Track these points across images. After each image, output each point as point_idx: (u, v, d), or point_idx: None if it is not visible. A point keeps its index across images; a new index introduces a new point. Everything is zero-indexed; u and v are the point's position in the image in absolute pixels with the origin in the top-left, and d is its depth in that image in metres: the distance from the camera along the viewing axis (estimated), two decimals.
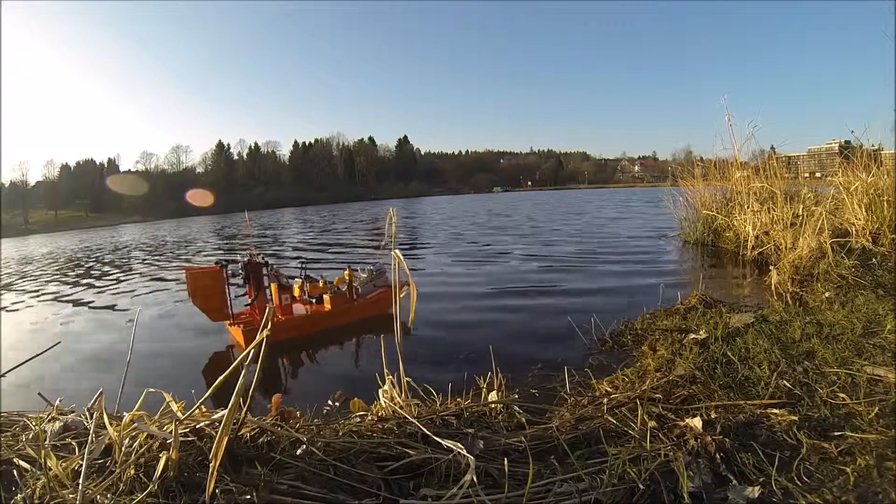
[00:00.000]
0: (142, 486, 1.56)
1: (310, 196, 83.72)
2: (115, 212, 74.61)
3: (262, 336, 1.82)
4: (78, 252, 21.60)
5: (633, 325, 4.36)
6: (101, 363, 4.99)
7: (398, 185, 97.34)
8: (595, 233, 14.57)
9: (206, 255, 15.62)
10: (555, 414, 2.35)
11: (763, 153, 9.98)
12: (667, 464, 1.75)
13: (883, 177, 7.02)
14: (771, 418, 2.13)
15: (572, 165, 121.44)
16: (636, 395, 2.49)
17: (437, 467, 1.76)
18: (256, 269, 5.47)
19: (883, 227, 6.50)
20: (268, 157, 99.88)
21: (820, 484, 1.67)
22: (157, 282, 10.50)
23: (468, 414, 2.25)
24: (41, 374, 4.43)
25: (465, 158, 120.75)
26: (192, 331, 6.03)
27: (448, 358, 4.28)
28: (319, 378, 4.47)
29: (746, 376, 2.69)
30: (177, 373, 4.61)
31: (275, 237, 21.11)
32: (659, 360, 3.21)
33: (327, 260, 12.10)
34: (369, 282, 6.16)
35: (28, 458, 1.77)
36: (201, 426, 1.83)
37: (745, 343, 3.25)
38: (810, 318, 3.74)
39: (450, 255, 11.34)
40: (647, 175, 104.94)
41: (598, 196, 47.43)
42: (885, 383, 2.41)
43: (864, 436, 1.92)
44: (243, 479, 1.64)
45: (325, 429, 2.06)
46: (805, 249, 5.77)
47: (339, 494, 1.64)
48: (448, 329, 5.30)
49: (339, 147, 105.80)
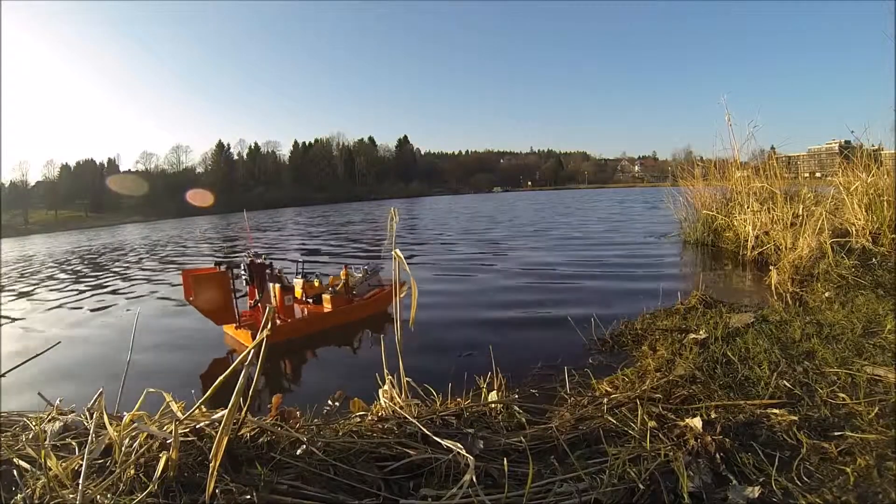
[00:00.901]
0: (142, 486, 1.56)
1: (310, 196, 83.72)
2: (115, 212, 74.61)
3: (262, 336, 1.82)
4: (79, 252, 21.60)
5: (633, 325, 4.36)
6: (102, 363, 4.99)
7: (398, 185, 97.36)
8: (595, 233, 14.57)
9: (205, 256, 15.62)
10: (555, 414, 2.35)
11: (763, 153, 10.02)
12: (667, 464, 1.75)
13: (883, 177, 7.03)
14: (771, 418, 2.13)
15: (572, 165, 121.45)
16: (636, 395, 2.49)
17: (437, 467, 1.76)
18: (259, 269, 5.43)
19: (883, 227, 6.50)
20: (268, 157, 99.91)
21: (820, 484, 1.67)
22: (159, 283, 10.50)
23: (468, 414, 2.25)
24: (41, 374, 4.43)
25: (465, 158, 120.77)
26: (193, 333, 6.04)
27: (448, 358, 4.28)
28: (319, 378, 4.47)
29: (746, 376, 2.68)
30: (177, 376, 4.61)
31: (273, 238, 21.10)
32: (659, 360, 3.21)
33: (319, 262, 12.09)
34: (364, 281, 6.20)
35: (28, 458, 1.77)
36: (201, 426, 1.83)
37: (745, 343, 3.25)
38: (810, 318, 3.74)
39: (450, 255, 11.34)
40: (647, 175, 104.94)
41: (598, 196, 47.43)
42: (885, 383, 2.41)
43: (864, 436, 1.92)
44: (243, 479, 1.64)
45: (325, 429, 2.06)
46: (805, 249, 5.77)
47: (339, 494, 1.63)
48: (448, 329, 5.29)
49: (339, 147, 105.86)
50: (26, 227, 65.99)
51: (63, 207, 75.97)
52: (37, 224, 69.50)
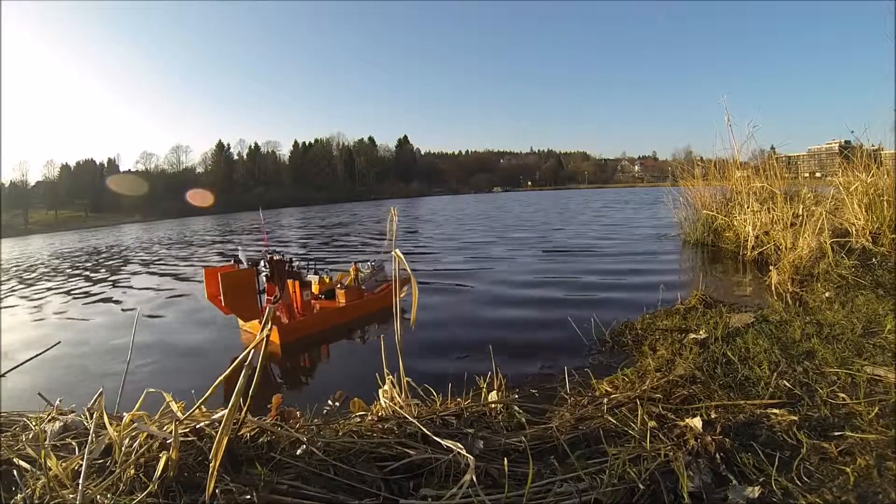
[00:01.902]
0: (142, 486, 1.56)
1: (310, 196, 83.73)
2: (115, 212, 74.61)
3: (262, 336, 1.82)
4: (79, 252, 21.60)
5: (633, 325, 4.35)
6: (105, 362, 4.99)
7: (398, 186, 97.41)
8: (595, 233, 14.57)
9: (208, 255, 15.62)
10: (555, 414, 2.35)
11: (763, 153, 9.98)
12: (667, 464, 1.75)
13: (883, 177, 7.02)
14: (771, 418, 2.13)
15: (572, 165, 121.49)
16: (636, 395, 2.49)
17: (437, 467, 1.76)
18: (280, 266, 5.50)
19: (883, 227, 6.50)
20: (268, 157, 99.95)
21: (820, 484, 1.67)
22: (166, 280, 10.51)
23: (468, 414, 2.25)
24: (41, 375, 4.43)
25: (465, 158, 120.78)
26: (208, 328, 6.04)
27: (448, 358, 4.28)
28: (319, 378, 4.47)
29: (746, 376, 2.68)
30: (194, 375, 4.60)
31: (277, 237, 21.11)
32: (659, 360, 3.21)
33: (324, 259, 12.10)
34: (371, 277, 6.41)
35: (28, 458, 1.77)
36: (201, 426, 1.83)
37: (745, 343, 3.25)
38: (810, 318, 3.74)
39: (448, 254, 11.35)
40: (647, 175, 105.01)
41: (599, 196, 47.43)
42: (885, 383, 2.41)
43: (864, 436, 1.92)
44: (243, 479, 1.64)
45: (325, 429, 2.06)
46: (805, 249, 5.76)
47: (339, 494, 1.63)
48: (448, 329, 5.29)
49: (338, 147, 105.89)
50: (26, 227, 66.01)
51: (63, 207, 76.02)
52: (37, 224, 69.54)
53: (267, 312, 1.91)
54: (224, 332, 5.74)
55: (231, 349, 5.17)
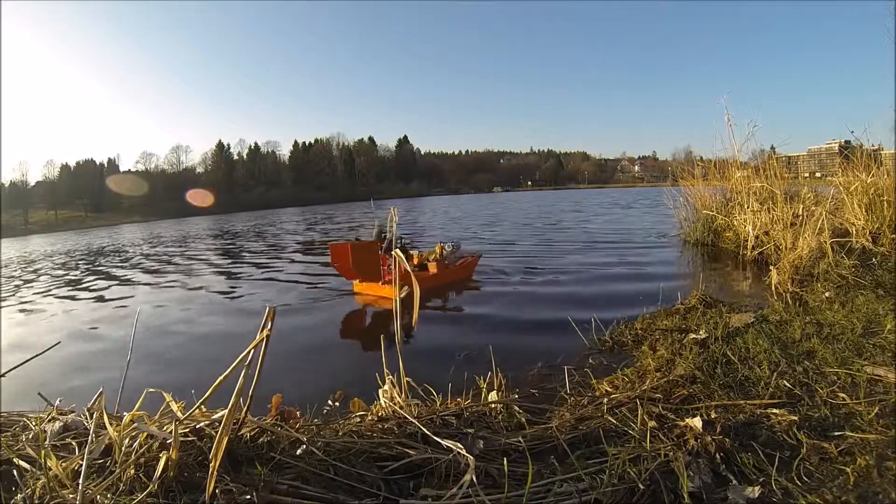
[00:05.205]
0: (142, 486, 1.56)
1: (310, 196, 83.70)
2: (115, 212, 74.66)
3: (263, 336, 1.82)
4: (80, 252, 21.60)
5: (633, 325, 4.35)
6: (110, 360, 4.99)
7: (398, 186, 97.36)
8: (595, 233, 14.57)
9: (208, 253, 15.62)
10: (555, 414, 2.35)
11: (763, 153, 9.99)
12: (667, 464, 1.75)
13: (883, 177, 7.02)
14: (771, 418, 2.13)
15: (572, 165, 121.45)
16: (636, 395, 2.49)
17: (437, 467, 1.76)
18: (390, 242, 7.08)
19: (883, 227, 6.50)
20: (268, 157, 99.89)
21: (820, 484, 1.67)
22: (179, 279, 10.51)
23: (468, 414, 2.25)
24: (42, 375, 4.43)
25: (465, 158, 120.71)
26: (213, 326, 6.04)
27: (448, 358, 4.28)
28: (319, 378, 4.47)
29: (746, 376, 2.68)
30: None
31: (277, 233, 21.12)
32: (659, 360, 3.21)
33: None
34: (452, 254, 7.89)
35: (28, 458, 1.77)
36: (201, 426, 1.83)
37: (745, 343, 3.25)
38: (810, 318, 3.74)
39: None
40: (647, 175, 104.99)
41: (598, 196, 47.42)
42: (885, 383, 2.41)
43: (864, 436, 1.92)
44: (243, 479, 1.64)
45: (325, 429, 2.06)
46: (805, 249, 5.76)
47: (339, 494, 1.64)
48: (448, 329, 5.29)
49: (339, 147, 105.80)
50: (26, 227, 66.01)
51: (63, 207, 75.99)
52: (37, 224, 69.54)
53: (266, 313, 1.91)
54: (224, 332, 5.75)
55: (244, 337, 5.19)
